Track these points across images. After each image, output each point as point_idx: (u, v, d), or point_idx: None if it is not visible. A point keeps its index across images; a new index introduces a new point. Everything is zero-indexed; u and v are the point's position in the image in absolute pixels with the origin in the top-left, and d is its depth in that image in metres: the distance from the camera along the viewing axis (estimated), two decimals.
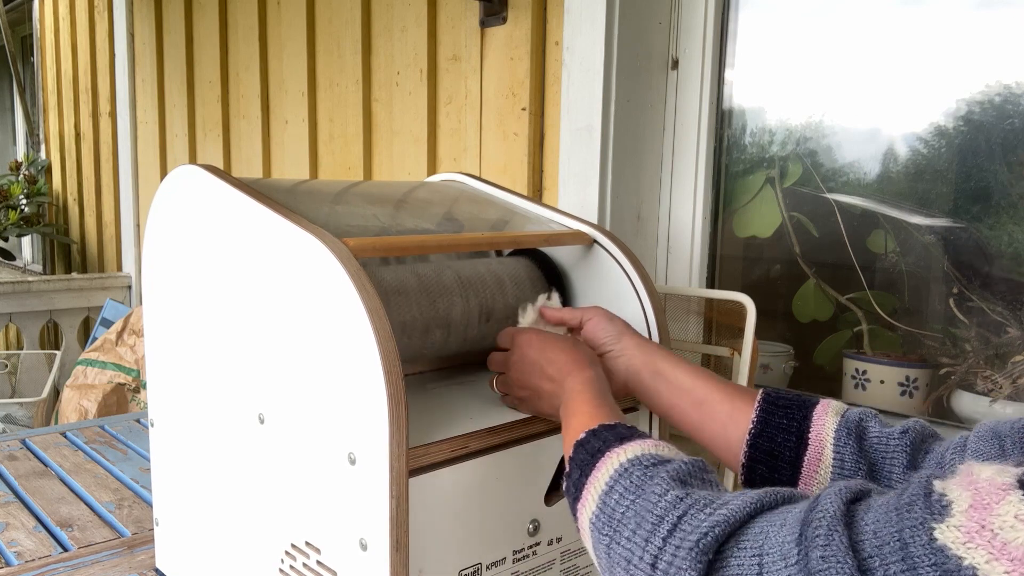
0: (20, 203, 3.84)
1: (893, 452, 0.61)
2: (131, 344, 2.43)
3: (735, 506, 0.45)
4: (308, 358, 0.68)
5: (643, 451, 0.55)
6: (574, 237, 0.90)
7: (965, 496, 0.38)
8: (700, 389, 0.72)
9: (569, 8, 1.34)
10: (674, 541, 0.46)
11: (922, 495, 0.39)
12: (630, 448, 0.55)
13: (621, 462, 0.54)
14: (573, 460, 0.59)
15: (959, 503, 0.37)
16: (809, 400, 0.67)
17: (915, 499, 0.39)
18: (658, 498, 0.49)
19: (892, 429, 0.63)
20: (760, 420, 0.67)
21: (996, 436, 0.56)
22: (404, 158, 1.72)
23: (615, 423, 0.60)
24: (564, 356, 0.72)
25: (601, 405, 0.65)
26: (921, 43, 1.20)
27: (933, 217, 1.21)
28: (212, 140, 2.44)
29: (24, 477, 1.26)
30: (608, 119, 1.32)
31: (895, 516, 0.39)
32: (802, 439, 0.65)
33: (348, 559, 0.66)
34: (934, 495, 0.39)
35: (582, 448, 0.59)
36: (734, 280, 1.45)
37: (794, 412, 0.66)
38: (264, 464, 0.75)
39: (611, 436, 0.58)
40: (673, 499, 0.48)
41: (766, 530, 0.44)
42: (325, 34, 1.93)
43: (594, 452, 0.57)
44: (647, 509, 0.49)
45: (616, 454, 0.55)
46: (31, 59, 4.55)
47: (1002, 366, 1.12)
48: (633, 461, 0.54)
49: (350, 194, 0.99)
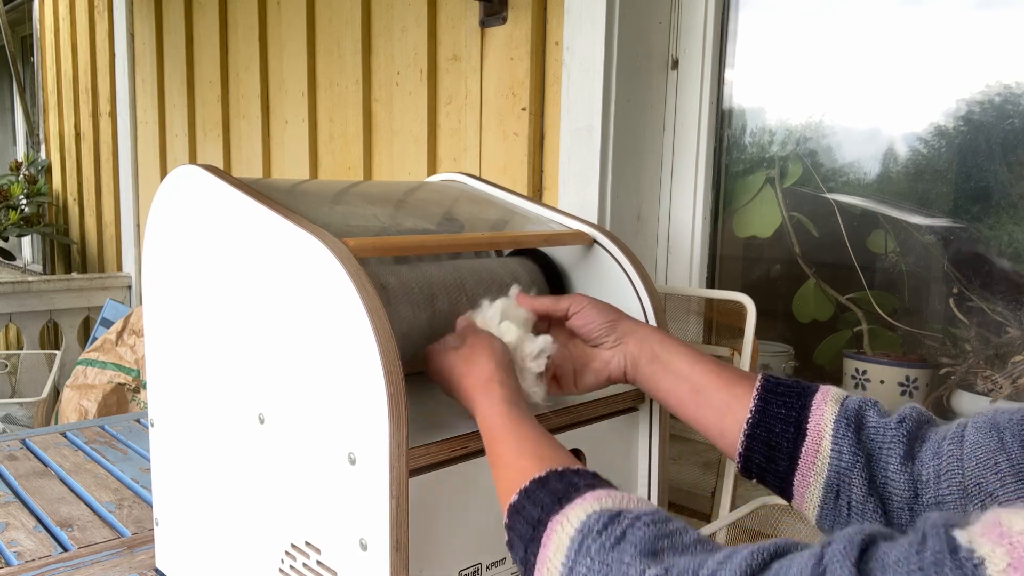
0: (20, 203, 3.84)
1: (890, 443, 0.60)
2: (131, 344, 2.43)
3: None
4: (308, 358, 0.68)
5: (587, 513, 0.50)
6: (574, 237, 0.90)
7: (999, 553, 0.34)
8: (697, 376, 0.69)
9: (569, 8, 1.34)
10: None
11: (948, 552, 0.35)
12: (571, 513, 0.51)
13: (570, 535, 0.50)
14: (513, 529, 0.55)
15: (994, 561, 0.34)
16: (808, 388, 0.65)
17: (940, 557, 0.35)
18: None
19: (889, 419, 0.61)
20: (758, 409, 0.65)
21: (995, 428, 0.55)
22: (404, 158, 1.72)
23: (545, 473, 0.55)
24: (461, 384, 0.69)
25: (522, 437, 0.60)
26: (921, 43, 1.20)
27: (933, 217, 1.21)
28: (212, 140, 2.44)
29: (24, 477, 1.26)
30: (608, 119, 1.32)
31: None
32: (800, 429, 0.62)
33: (348, 559, 0.66)
34: (962, 551, 0.35)
35: (519, 516, 0.54)
36: (734, 280, 1.45)
37: (792, 401, 0.64)
38: (264, 464, 0.75)
39: (547, 499, 0.53)
40: None
41: None
42: (325, 34, 1.93)
43: (534, 523, 0.53)
44: None
45: (559, 524, 0.51)
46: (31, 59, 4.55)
47: (1002, 366, 1.12)
48: (582, 531, 0.49)
49: (350, 194, 0.99)
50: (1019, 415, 0.55)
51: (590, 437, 0.80)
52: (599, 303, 0.77)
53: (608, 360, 0.75)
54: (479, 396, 0.66)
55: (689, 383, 0.70)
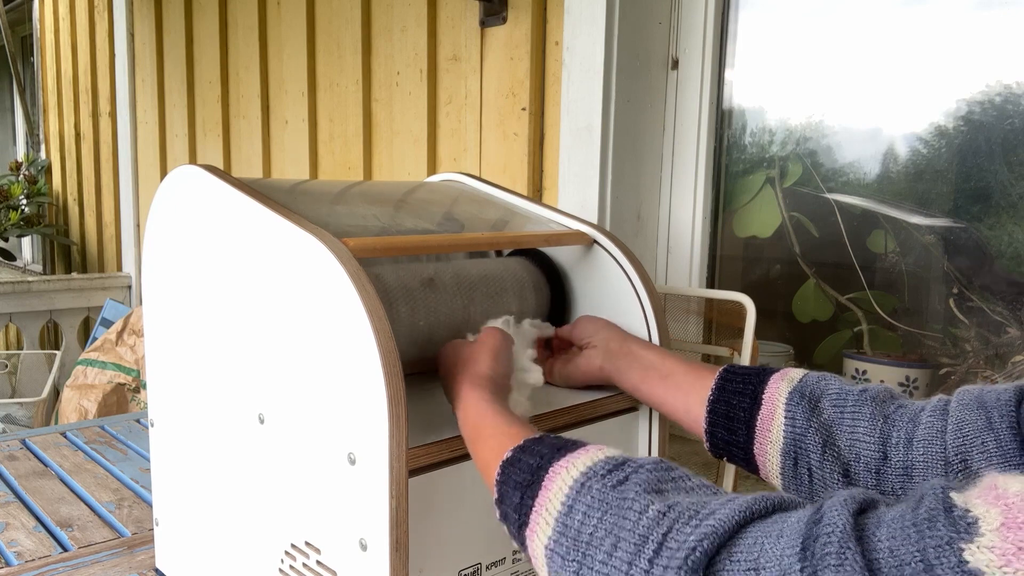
0: (20, 203, 3.85)
1: (854, 405, 0.61)
2: (131, 344, 2.43)
3: (723, 515, 0.42)
4: (308, 358, 0.68)
5: (593, 460, 0.50)
6: (574, 237, 0.90)
7: (994, 513, 0.34)
8: (667, 365, 0.75)
9: (569, 8, 1.34)
10: (661, 561, 0.42)
11: (942, 510, 0.36)
12: (578, 459, 0.51)
13: (574, 476, 0.49)
14: (506, 483, 0.54)
15: (988, 521, 0.34)
16: (770, 370, 0.68)
17: (935, 514, 0.36)
18: (638, 515, 0.45)
19: (852, 388, 0.63)
20: (718, 387, 0.69)
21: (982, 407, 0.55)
22: (404, 158, 1.72)
23: (540, 435, 0.56)
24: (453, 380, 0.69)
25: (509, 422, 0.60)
26: (921, 43, 1.20)
27: (933, 217, 1.21)
28: (212, 140, 2.44)
29: (24, 477, 1.26)
30: (608, 119, 1.32)
31: (914, 533, 0.36)
32: (756, 400, 0.66)
33: (348, 559, 0.66)
34: (956, 510, 0.36)
35: (513, 468, 0.54)
36: (734, 280, 1.45)
37: (751, 378, 0.68)
38: (264, 464, 0.75)
39: (545, 449, 0.53)
40: (655, 515, 0.44)
41: (761, 541, 0.40)
42: (325, 34, 1.93)
43: (533, 470, 0.52)
44: (626, 528, 0.45)
45: (564, 468, 0.51)
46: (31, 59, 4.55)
47: (1002, 366, 1.12)
48: (587, 473, 0.49)
49: (350, 194, 0.99)
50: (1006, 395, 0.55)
51: (590, 437, 0.79)
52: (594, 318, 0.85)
53: (590, 358, 0.81)
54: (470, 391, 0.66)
55: (658, 371, 0.75)
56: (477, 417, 0.63)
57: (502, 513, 0.54)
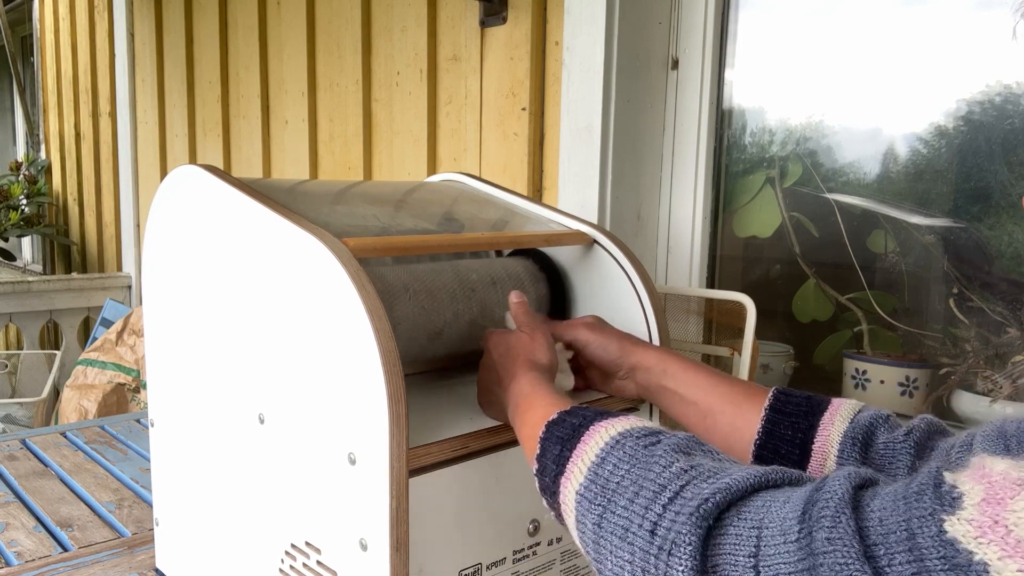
0: (20, 203, 3.84)
1: (897, 456, 0.61)
2: (131, 344, 2.43)
3: (739, 476, 0.45)
4: (308, 358, 0.68)
5: (631, 426, 0.54)
6: (574, 237, 0.90)
7: (977, 489, 0.37)
8: (704, 401, 0.72)
9: (569, 8, 1.34)
10: (674, 508, 0.45)
11: (932, 485, 0.38)
12: (617, 423, 0.55)
13: (611, 435, 0.53)
14: (548, 439, 0.57)
15: (971, 496, 0.36)
16: (818, 405, 0.65)
17: (924, 489, 0.38)
18: (663, 468, 0.48)
19: (897, 433, 0.62)
20: (765, 431, 0.66)
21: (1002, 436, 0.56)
22: (404, 158, 1.72)
23: (586, 405, 0.60)
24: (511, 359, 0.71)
25: (561, 399, 0.63)
26: (921, 43, 1.20)
27: (933, 217, 1.21)
28: (212, 140, 2.44)
29: (24, 477, 1.26)
30: (608, 119, 1.32)
31: (903, 505, 0.38)
32: (805, 450, 0.64)
33: (348, 559, 0.66)
34: (944, 486, 0.38)
35: (558, 427, 0.57)
36: (734, 280, 1.45)
37: (799, 421, 0.65)
38: (264, 464, 0.75)
39: (589, 413, 0.57)
40: (678, 470, 0.47)
41: (768, 504, 0.43)
42: (325, 34, 1.93)
43: (575, 427, 0.56)
44: (649, 479, 0.48)
45: (604, 427, 0.55)
46: (31, 59, 4.55)
47: (1002, 366, 1.12)
48: (624, 434, 0.53)
49: (350, 194, 0.99)
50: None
51: None
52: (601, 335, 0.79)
53: (622, 388, 0.80)
54: (531, 371, 0.69)
55: (696, 408, 0.72)
56: (532, 390, 0.66)
57: (540, 467, 0.57)
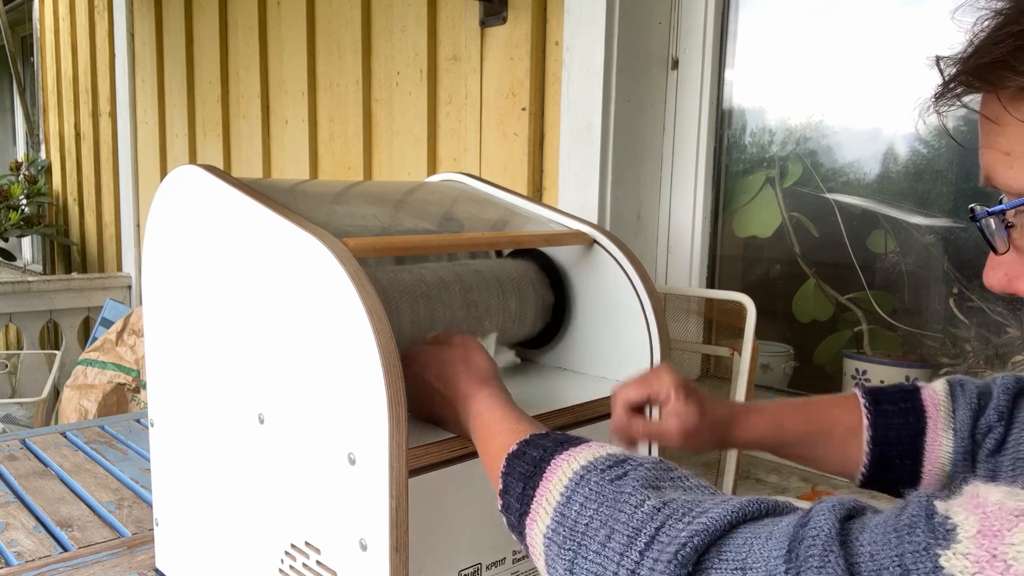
0: (20, 203, 3.84)
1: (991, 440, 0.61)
2: (131, 344, 2.43)
3: (716, 514, 0.42)
4: (308, 358, 0.68)
5: (594, 455, 0.51)
6: (574, 237, 0.90)
7: (972, 520, 0.35)
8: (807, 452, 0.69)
9: (569, 8, 1.34)
10: (652, 554, 0.43)
11: (923, 516, 0.37)
12: (579, 454, 0.52)
13: (574, 469, 0.50)
14: (510, 474, 0.55)
15: (965, 528, 0.35)
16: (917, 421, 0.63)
17: (916, 520, 0.37)
18: (634, 509, 0.45)
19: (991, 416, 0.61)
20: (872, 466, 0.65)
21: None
22: (404, 158, 1.72)
23: (546, 431, 0.57)
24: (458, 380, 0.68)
25: (518, 419, 0.61)
26: (921, 43, 1.20)
27: (933, 217, 1.21)
28: (212, 140, 2.44)
29: (24, 477, 1.26)
30: (608, 119, 1.32)
31: (894, 538, 0.37)
32: (916, 476, 0.63)
33: (348, 559, 0.66)
34: (937, 517, 0.36)
35: (518, 460, 0.55)
36: (734, 280, 1.45)
37: (905, 451, 0.63)
38: (264, 464, 0.75)
39: (549, 443, 0.54)
40: (651, 509, 0.45)
41: (750, 542, 0.41)
42: (325, 34, 1.93)
43: (536, 462, 0.53)
44: (621, 520, 0.45)
45: (565, 460, 0.52)
46: (31, 59, 4.55)
47: (1002, 366, 1.12)
48: (588, 467, 0.50)
49: (350, 194, 0.99)
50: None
51: (591, 436, 0.80)
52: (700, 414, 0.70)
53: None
54: (480, 388, 0.66)
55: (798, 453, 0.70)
56: (487, 411, 0.64)
57: (504, 504, 0.55)
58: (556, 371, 0.94)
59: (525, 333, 0.93)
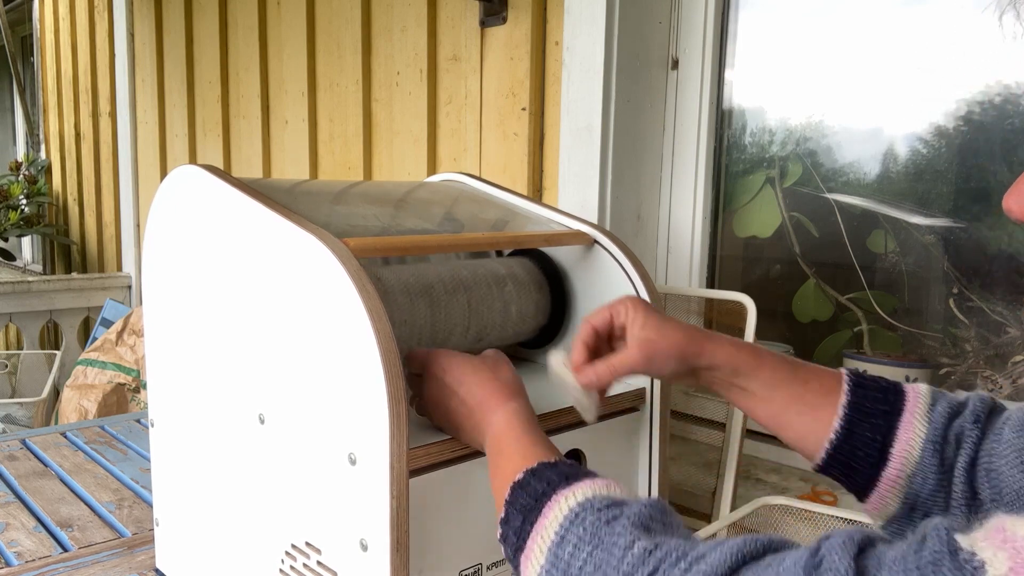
0: (20, 203, 3.84)
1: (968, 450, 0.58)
2: (131, 344, 2.43)
3: (714, 560, 0.40)
4: (308, 358, 0.68)
5: (594, 492, 0.50)
6: (574, 237, 0.90)
7: (1001, 558, 0.33)
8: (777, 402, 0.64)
9: (569, 8, 1.34)
10: None
11: (947, 553, 0.34)
12: (579, 489, 0.51)
13: (571, 507, 0.50)
14: (512, 504, 0.54)
15: (995, 565, 0.33)
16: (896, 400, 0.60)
17: (939, 558, 0.34)
18: (623, 551, 0.44)
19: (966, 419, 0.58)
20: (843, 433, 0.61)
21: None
22: (404, 158, 1.72)
23: (555, 460, 0.56)
24: (482, 389, 0.66)
25: (534, 442, 0.59)
26: (921, 43, 1.20)
27: (933, 217, 1.21)
28: (212, 140, 2.44)
29: (24, 477, 1.26)
30: (608, 119, 1.32)
31: None
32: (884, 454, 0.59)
33: (348, 559, 0.66)
34: (962, 553, 0.34)
35: (522, 491, 0.54)
36: (734, 280, 1.45)
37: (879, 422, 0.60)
38: (264, 464, 0.75)
39: (554, 476, 0.53)
40: (641, 552, 0.43)
41: None
42: (325, 34, 1.93)
43: (538, 496, 0.52)
44: (611, 565, 0.44)
45: (564, 497, 0.51)
46: (31, 59, 4.55)
47: (1002, 366, 1.12)
48: (584, 505, 0.49)
49: (350, 194, 0.99)
50: None
51: (590, 437, 0.80)
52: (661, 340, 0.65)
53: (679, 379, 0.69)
54: (506, 400, 0.64)
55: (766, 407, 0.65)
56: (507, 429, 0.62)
57: (503, 534, 0.55)
58: None
59: (525, 333, 0.93)
